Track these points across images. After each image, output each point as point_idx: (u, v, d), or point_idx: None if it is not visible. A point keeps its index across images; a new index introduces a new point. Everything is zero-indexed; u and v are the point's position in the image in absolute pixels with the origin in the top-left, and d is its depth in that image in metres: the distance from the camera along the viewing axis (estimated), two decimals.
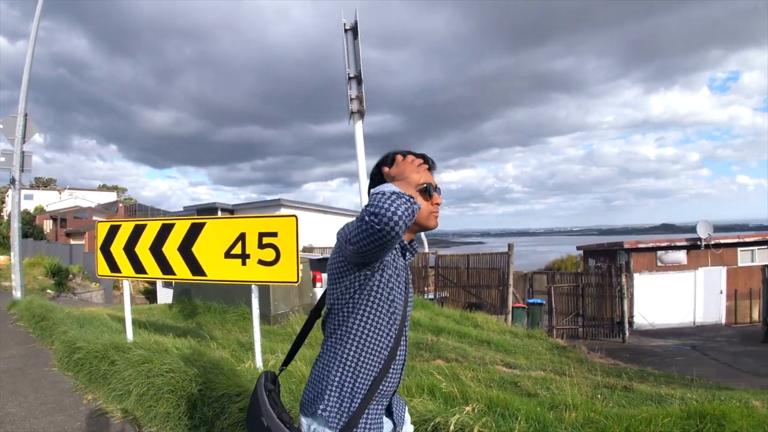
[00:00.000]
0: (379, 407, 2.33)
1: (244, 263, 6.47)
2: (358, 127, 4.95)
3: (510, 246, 21.60)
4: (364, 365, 2.24)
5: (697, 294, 27.03)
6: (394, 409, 2.52)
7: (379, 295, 2.22)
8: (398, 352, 2.34)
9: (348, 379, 2.23)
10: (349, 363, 2.24)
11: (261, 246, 6.36)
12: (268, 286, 12.95)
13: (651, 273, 26.84)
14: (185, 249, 6.87)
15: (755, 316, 25.05)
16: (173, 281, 11.99)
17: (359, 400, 2.23)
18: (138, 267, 7.36)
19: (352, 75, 4.98)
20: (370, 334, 2.24)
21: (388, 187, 2.00)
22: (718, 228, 29.95)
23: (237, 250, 6.52)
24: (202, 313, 14.66)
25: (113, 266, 7.64)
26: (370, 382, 2.25)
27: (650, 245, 27.73)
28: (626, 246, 27.49)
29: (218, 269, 6.67)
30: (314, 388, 2.31)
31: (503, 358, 11.57)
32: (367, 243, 1.95)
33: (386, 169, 2.31)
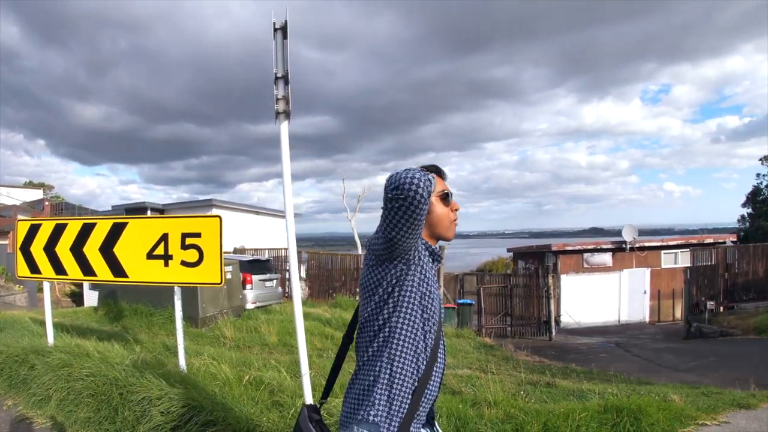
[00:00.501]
0: (422, 415, 2.32)
1: (166, 264, 6.38)
2: (284, 128, 4.92)
3: (441, 248, 21.81)
4: (408, 368, 2.23)
5: (622, 294, 28.04)
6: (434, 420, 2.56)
7: (416, 294, 2.23)
8: (438, 354, 2.35)
9: (396, 384, 2.21)
10: (394, 367, 2.21)
11: (184, 247, 6.29)
12: (196, 288, 12.73)
13: (577, 274, 27.70)
14: (107, 249, 6.72)
15: (678, 314, 26.03)
16: (98, 283, 11.66)
17: (407, 406, 2.21)
18: (58, 268, 7.15)
19: (279, 75, 4.97)
20: (410, 334, 2.23)
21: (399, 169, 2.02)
22: (646, 232, 31.02)
23: (159, 250, 6.42)
24: (128, 316, 14.31)
25: (33, 267, 7.41)
26: (414, 387, 2.24)
27: (577, 248, 28.66)
28: (554, 248, 28.31)
29: (140, 270, 6.55)
30: (358, 398, 2.26)
31: None
32: (397, 220, 1.97)
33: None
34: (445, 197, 2.41)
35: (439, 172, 2.44)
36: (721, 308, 20.36)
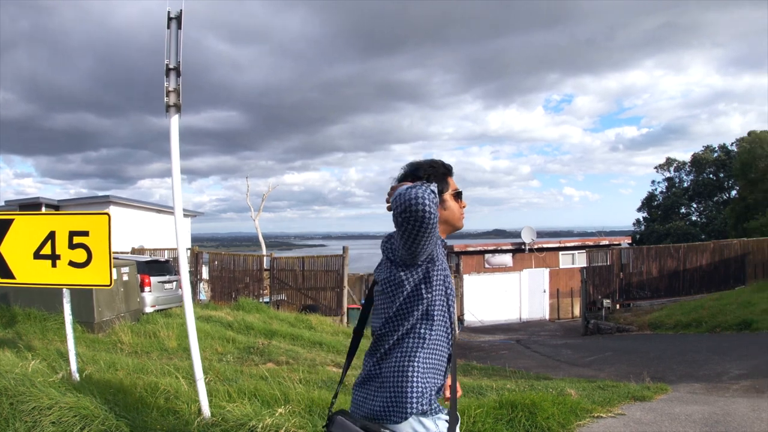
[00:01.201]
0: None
1: (54, 265, 6.00)
2: (174, 122, 4.63)
3: (345, 249, 21.65)
4: (437, 355, 2.37)
5: (523, 293, 28.82)
6: None
7: (441, 282, 2.37)
8: (450, 341, 2.50)
9: (429, 372, 2.32)
10: (426, 354, 2.33)
11: (72, 246, 5.95)
12: (91, 290, 12.02)
13: (479, 274, 28.27)
14: None
15: (576, 312, 26.88)
16: None
17: (437, 387, 2.36)
18: None
19: (171, 66, 4.66)
20: (442, 318, 2.38)
21: (402, 188, 2.16)
22: (548, 234, 32.11)
23: (47, 250, 6.02)
24: (21, 321, 13.34)
25: None
26: (443, 373, 2.43)
27: (478, 249, 29.34)
28: (456, 249, 28.77)
29: (28, 271, 6.12)
30: (398, 388, 2.29)
31: (334, 359, 11.48)
32: (414, 236, 2.14)
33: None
34: (458, 195, 2.69)
35: (449, 171, 2.69)
36: (617, 306, 21.14)
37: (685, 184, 59.27)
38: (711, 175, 56.78)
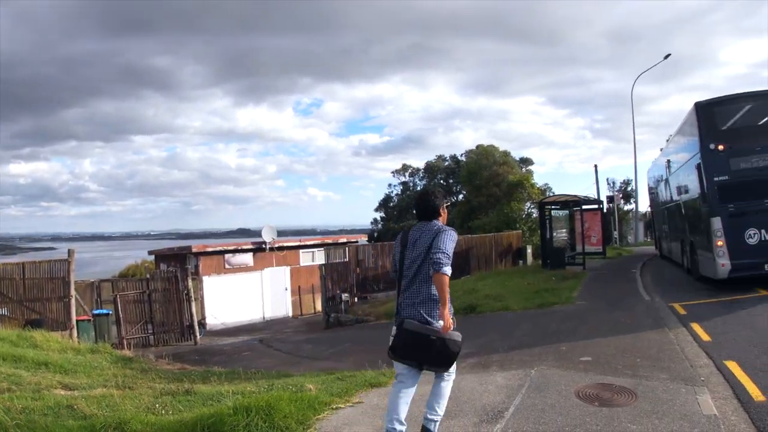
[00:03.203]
0: None
1: None
2: None
3: (70, 252, 19.67)
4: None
5: (265, 292, 28.80)
6: None
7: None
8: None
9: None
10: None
11: None
12: None
13: (220, 275, 27.65)
14: None
15: (318, 307, 27.47)
16: None
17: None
18: None
19: None
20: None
21: (450, 245, 4.49)
22: (292, 233, 32.53)
23: None
24: None
25: None
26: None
27: (218, 249, 28.75)
28: (195, 250, 27.87)
29: None
30: (433, 305, 4.54)
31: (62, 380, 10.31)
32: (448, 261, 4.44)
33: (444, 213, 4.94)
34: (449, 207, 5.23)
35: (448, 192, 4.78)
36: (356, 299, 22.00)
37: (419, 188, 64.08)
38: (442, 181, 62.60)
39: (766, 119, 14.62)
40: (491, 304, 15.31)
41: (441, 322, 4.43)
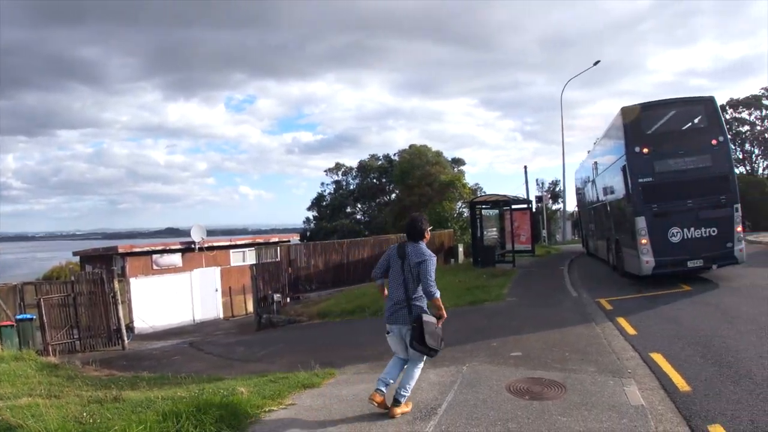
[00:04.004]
0: None
1: None
2: None
3: None
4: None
5: (194, 293, 28.20)
6: None
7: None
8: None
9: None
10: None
11: None
12: None
13: (147, 276, 26.85)
14: None
15: (250, 308, 27.10)
16: None
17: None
18: None
19: None
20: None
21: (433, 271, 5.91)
22: (224, 232, 31.90)
23: None
24: None
25: None
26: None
27: (146, 249, 27.85)
28: (121, 250, 26.88)
29: None
30: (424, 301, 5.86)
31: None
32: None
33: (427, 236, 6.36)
34: (431, 230, 6.81)
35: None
36: (288, 299, 21.78)
37: (352, 187, 64.37)
38: (375, 180, 62.62)
39: (688, 125, 15.40)
40: None
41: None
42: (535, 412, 5.82)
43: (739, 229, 14.23)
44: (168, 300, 26.66)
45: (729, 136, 15.97)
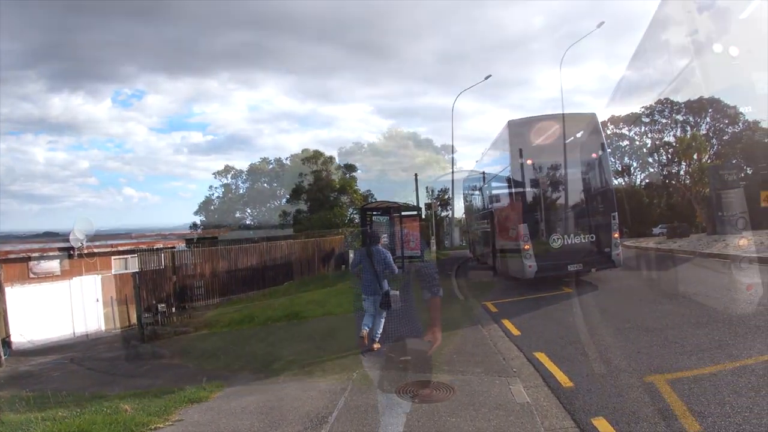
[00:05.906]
0: None
1: None
2: None
3: None
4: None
5: (75, 304, 26.53)
6: None
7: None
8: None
9: None
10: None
11: None
12: None
13: (24, 285, 24.92)
14: None
15: (134, 319, 25.95)
16: None
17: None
18: None
19: None
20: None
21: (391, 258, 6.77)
22: (106, 236, 30.24)
23: None
24: None
25: None
26: None
27: (22, 255, 25.87)
28: None
29: None
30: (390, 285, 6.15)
31: None
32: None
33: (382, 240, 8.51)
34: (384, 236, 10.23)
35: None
36: (174, 309, 21.07)
37: (242, 191, 63.11)
38: (265, 184, 61.62)
39: (571, 138, 16.19)
40: (314, 309, 15.41)
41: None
42: (426, 414, 5.96)
43: (617, 235, 15.11)
44: (47, 311, 24.85)
45: (609, 150, 16.99)
